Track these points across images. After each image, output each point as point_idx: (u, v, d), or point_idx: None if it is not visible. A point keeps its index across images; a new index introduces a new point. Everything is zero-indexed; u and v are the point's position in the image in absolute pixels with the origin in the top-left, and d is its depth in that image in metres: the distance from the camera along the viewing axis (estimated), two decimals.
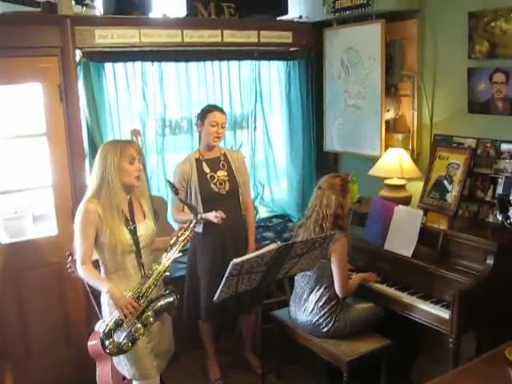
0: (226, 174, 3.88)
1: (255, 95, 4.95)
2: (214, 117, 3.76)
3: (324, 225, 3.50)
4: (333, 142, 4.77)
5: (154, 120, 4.54)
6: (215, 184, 3.83)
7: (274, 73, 5.03)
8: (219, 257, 3.80)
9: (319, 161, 5.09)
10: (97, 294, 3.22)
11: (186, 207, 3.71)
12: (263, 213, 5.27)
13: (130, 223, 3.00)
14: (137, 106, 4.45)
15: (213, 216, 3.66)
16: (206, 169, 3.85)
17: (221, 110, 3.84)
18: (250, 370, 4.26)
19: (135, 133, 4.24)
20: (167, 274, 3.03)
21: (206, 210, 3.73)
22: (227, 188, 3.84)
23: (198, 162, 3.86)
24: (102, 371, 3.46)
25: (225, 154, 3.95)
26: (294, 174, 5.14)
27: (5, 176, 3.93)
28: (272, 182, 5.21)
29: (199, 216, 3.24)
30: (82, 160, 3.95)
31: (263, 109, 5.02)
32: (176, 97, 4.61)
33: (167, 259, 3.02)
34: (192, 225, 3.13)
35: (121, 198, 2.96)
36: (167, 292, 3.02)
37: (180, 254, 3.15)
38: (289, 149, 5.14)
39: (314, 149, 5.04)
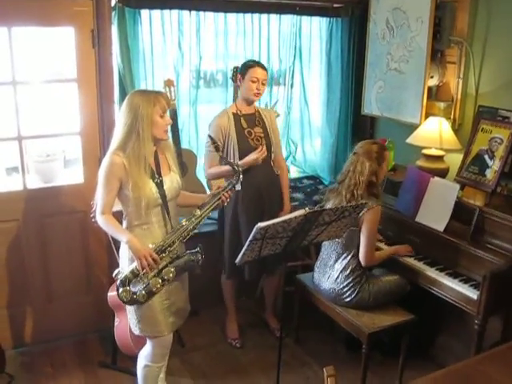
0: (261, 130, 3.79)
1: (294, 51, 4.77)
2: (256, 72, 3.65)
3: (356, 192, 3.39)
4: (371, 105, 4.58)
5: (188, 71, 4.40)
6: (252, 140, 3.75)
7: (315, 29, 4.82)
8: (257, 213, 3.76)
9: (355, 123, 4.93)
10: (119, 245, 3.18)
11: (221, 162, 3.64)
12: (294, 173, 5.14)
13: (157, 176, 2.90)
14: (171, 56, 4.31)
15: (254, 156, 3.61)
16: (244, 124, 3.76)
17: (262, 66, 3.72)
18: (268, 332, 4.24)
19: (169, 83, 4.14)
20: (195, 231, 2.94)
21: None
22: (264, 145, 3.74)
23: (236, 116, 3.76)
24: (120, 323, 3.48)
25: (259, 111, 3.86)
26: (328, 135, 4.99)
27: (35, 120, 3.88)
28: (305, 141, 5.07)
29: (241, 176, 3.10)
30: (112, 108, 3.86)
31: (301, 66, 4.83)
32: (212, 48, 4.46)
33: (198, 217, 2.92)
34: (231, 185, 3.03)
35: (149, 150, 2.84)
36: (194, 250, 2.91)
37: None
38: (325, 109, 4.98)
39: (350, 111, 4.88)
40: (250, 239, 2.79)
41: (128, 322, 3.24)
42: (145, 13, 4.09)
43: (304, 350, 4.01)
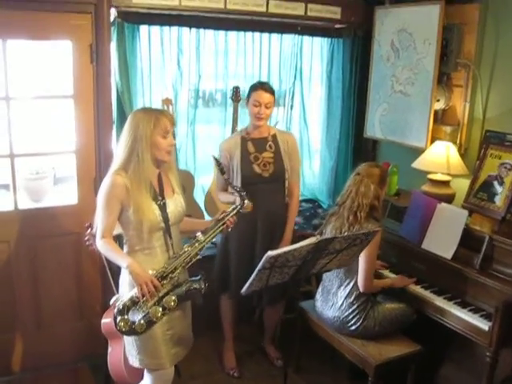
0: (272, 155, 3.63)
1: (295, 72, 4.69)
2: (258, 96, 3.51)
3: (359, 214, 3.27)
4: (374, 128, 4.49)
5: (187, 90, 4.31)
6: (258, 165, 3.60)
7: (317, 50, 4.76)
8: (249, 242, 3.63)
9: (357, 146, 4.84)
10: (115, 270, 3.02)
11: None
12: None
13: (159, 198, 2.75)
14: (170, 74, 4.22)
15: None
16: (251, 148, 3.62)
17: (267, 89, 3.56)
18: (266, 361, 4.08)
19: (167, 102, 4.04)
20: (198, 257, 2.77)
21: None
22: (271, 171, 3.61)
23: (244, 140, 3.63)
24: (114, 352, 3.29)
25: (274, 135, 3.69)
26: (328, 158, 4.90)
27: (28, 137, 3.73)
28: (304, 164, 4.96)
29: (246, 201, 2.92)
30: (110, 127, 3.73)
31: (302, 87, 4.76)
32: (212, 67, 4.38)
33: (201, 242, 2.76)
34: (235, 211, 2.87)
35: (151, 171, 2.71)
36: (197, 278, 2.76)
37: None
38: (325, 131, 4.90)
39: (352, 133, 4.80)
40: (258, 268, 2.65)
41: (122, 350, 3.08)
42: (144, 29, 4.01)
43: (305, 380, 3.86)
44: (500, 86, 3.72)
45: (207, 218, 4.30)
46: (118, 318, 2.63)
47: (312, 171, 5.01)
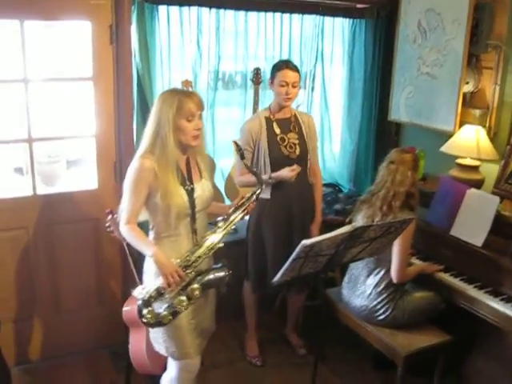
0: (296, 136, 3.54)
1: (316, 53, 4.54)
2: (284, 76, 3.39)
3: (394, 203, 3.17)
4: (399, 111, 4.37)
5: (206, 72, 4.18)
6: (285, 147, 3.50)
7: (338, 31, 4.61)
8: (284, 227, 3.56)
9: (379, 130, 4.72)
10: (136, 257, 2.94)
11: None
12: None
13: (188, 183, 2.66)
14: (189, 56, 4.08)
15: (286, 172, 3.35)
16: (277, 129, 3.52)
17: (293, 67, 3.44)
18: (289, 349, 4.01)
19: (186, 84, 3.92)
20: (221, 245, 2.68)
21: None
22: (298, 152, 3.51)
23: (269, 121, 3.52)
24: (136, 340, 3.21)
25: (295, 116, 3.60)
26: (348, 142, 4.79)
27: (46, 121, 3.63)
28: (325, 147, 4.84)
29: (264, 186, 2.87)
30: (131, 110, 3.62)
31: (323, 69, 4.61)
32: (232, 48, 4.24)
33: (223, 229, 2.67)
34: (255, 195, 2.75)
35: (175, 156, 2.59)
36: (219, 266, 2.68)
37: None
38: (346, 114, 4.78)
39: (374, 116, 4.68)
40: (292, 257, 2.56)
41: (144, 339, 3.01)
42: (163, 9, 3.87)
43: (329, 369, 3.79)
44: None
45: (228, 203, 4.22)
46: (144, 311, 2.55)
47: (333, 154, 4.90)
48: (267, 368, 3.82)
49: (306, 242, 2.49)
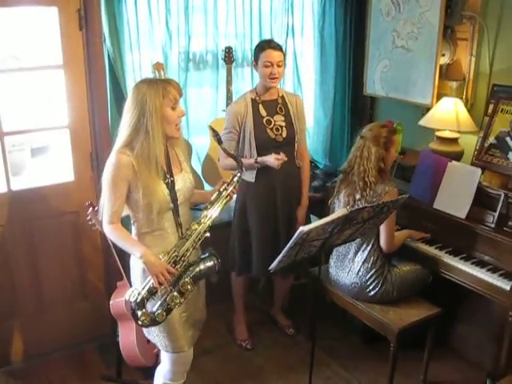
0: (283, 118, 3.47)
1: (286, 29, 4.45)
2: (268, 56, 3.32)
3: (367, 179, 3.18)
4: (374, 85, 4.34)
5: (176, 53, 4.06)
6: (271, 129, 3.44)
7: (308, 5, 4.53)
8: (270, 210, 3.53)
9: (354, 105, 4.68)
10: (120, 250, 2.84)
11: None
12: None
13: (168, 176, 2.57)
14: (159, 37, 3.96)
15: (272, 159, 3.29)
16: (263, 112, 3.44)
17: (275, 47, 3.36)
18: (277, 330, 4.02)
19: (158, 67, 3.79)
20: (207, 235, 2.61)
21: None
22: (284, 135, 3.45)
23: (254, 102, 3.44)
24: (125, 333, 3.19)
25: (283, 97, 3.52)
26: (322, 117, 4.75)
27: (16, 113, 3.48)
28: None
29: (245, 169, 2.81)
30: (104, 97, 3.50)
31: (294, 44, 4.54)
32: (202, 28, 4.12)
33: (207, 218, 2.59)
34: (236, 179, 2.69)
35: (161, 148, 2.50)
36: (207, 255, 2.63)
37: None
38: (319, 89, 4.72)
39: (348, 91, 4.64)
40: (290, 245, 2.53)
41: (134, 331, 2.99)
42: None
43: (319, 346, 3.76)
44: (508, 38, 3.58)
45: (206, 186, 4.16)
46: (139, 313, 2.48)
47: (307, 132, 4.83)
48: (257, 350, 3.83)
49: (303, 228, 2.46)
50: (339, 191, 3.40)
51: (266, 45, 3.38)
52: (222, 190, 2.69)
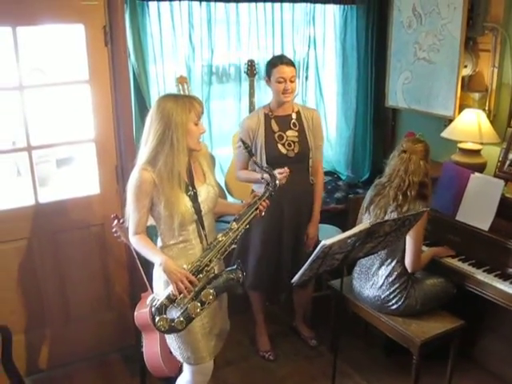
0: (296, 134, 3.47)
1: (308, 42, 4.51)
2: (280, 72, 3.33)
3: (409, 192, 3.15)
4: (396, 97, 4.36)
5: (200, 66, 4.13)
6: (283, 145, 3.44)
7: (330, 18, 4.57)
8: (275, 228, 3.51)
9: (376, 116, 4.70)
10: (144, 260, 2.88)
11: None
12: None
13: (190, 188, 2.61)
14: (182, 51, 4.03)
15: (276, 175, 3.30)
16: (275, 127, 3.45)
17: (287, 62, 3.38)
18: (300, 341, 4.02)
19: (181, 80, 3.88)
20: (234, 246, 2.64)
21: None
22: (296, 150, 3.45)
23: (267, 117, 3.46)
24: (149, 343, 3.20)
25: (298, 112, 3.52)
26: (345, 129, 4.77)
27: (44, 127, 3.55)
28: None
29: (277, 182, 2.76)
30: (129, 111, 3.55)
31: (316, 57, 4.58)
32: (224, 41, 4.19)
33: (235, 230, 2.62)
34: (268, 193, 2.71)
35: (183, 162, 2.54)
36: (233, 268, 2.64)
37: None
38: (341, 101, 4.75)
39: (370, 103, 4.66)
40: (312, 258, 2.56)
41: (158, 342, 3.01)
42: (153, 5, 3.80)
43: (341, 358, 3.77)
44: None
45: (229, 198, 4.20)
46: (157, 318, 2.51)
47: (329, 143, 4.88)
48: (280, 361, 3.83)
49: (325, 242, 2.48)
50: (371, 203, 3.37)
51: (278, 61, 3.39)
52: (253, 202, 2.72)
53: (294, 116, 3.51)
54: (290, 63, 3.41)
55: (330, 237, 2.59)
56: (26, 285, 3.53)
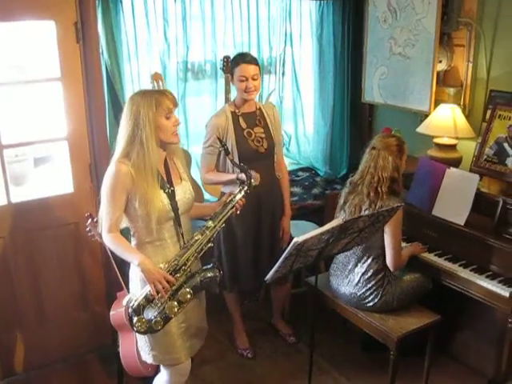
0: (262, 130, 3.46)
1: (284, 37, 4.50)
2: (242, 71, 3.29)
3: (380, 189, 3.13)
4: (373, 92, 4.36)
5: (175, 63, 4.10)
6: (252, 141, 3.42)
7: (306, 13, 4.57)
8: (254, 223, 3.50)
9: (353, 112, 4.70)
10: (119, 259, 2.86)
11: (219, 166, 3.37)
12: (289, 165, 4.83)
13: (167, 186, 2.59)
14: (157, 48, 4.00)
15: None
16: (243, 124, 3.43)
17: (250, 61, 3.32)
18: (279, 338, 4.01)
19: (156, 77, 3.83)
20: (210, 245, 2.63)
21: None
22: (265, 146, 3.44)
23: (234, 115, 3.43)
24: (126, 343, 3.15)
25: (260, 109, 3.51)
26: (322, 125, 4.77)
27: (15, 125, 3.50)
28: (299, 132, 4.83)
29: (253, 180, 2.76)
30: (102, 109, 3.52)
31: (293, 52, 4.58)
32: (200, 38, 4.17)
33: (212, 228, 2.61)
34: (243, 191, 2.70)
35: (157, 157, 2.53)
36: (209, 266, 2.63)
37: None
38: (318, 97, 4.73)
39: (347, 98, 4.66)
40: (284, 256, 2.54)
41: (134, 342, 2.94)
42: (126, 0, 3.76)
43: (319, 354, 3.79)
44: (504, 44, 3.60)
45: (206, 196, 4.17)
46: (135, 319, 2.51)
47: (307, 139, 4.88)
48: (258, 359, 3.81)
49: (297, 239, 2.46)
50: (345, 202, 3.36)
51: (240, 59, 3.35)
52: (228, 201, 2.71)
53: (258, 113, 3.49)
54: (253, 61, 3.36)
55: (307, 233, 2.57)
56: None
